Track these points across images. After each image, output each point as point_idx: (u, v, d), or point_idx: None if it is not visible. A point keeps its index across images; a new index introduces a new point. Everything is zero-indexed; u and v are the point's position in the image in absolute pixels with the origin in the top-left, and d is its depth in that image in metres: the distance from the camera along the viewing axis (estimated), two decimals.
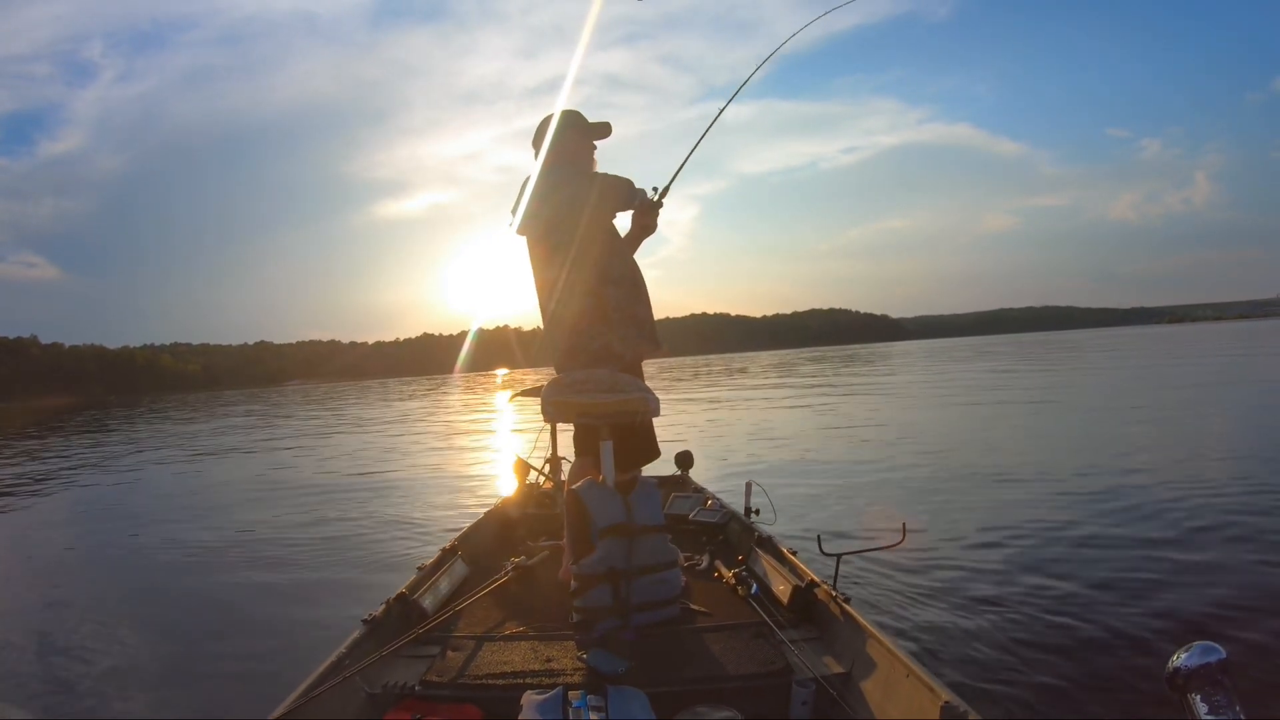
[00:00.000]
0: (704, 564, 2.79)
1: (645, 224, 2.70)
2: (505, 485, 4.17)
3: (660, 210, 2.70)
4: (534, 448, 4.24)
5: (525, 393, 3.76)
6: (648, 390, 2.40)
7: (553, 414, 2.46)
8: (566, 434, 2.98)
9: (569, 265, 2.52)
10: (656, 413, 2.46)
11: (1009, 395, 15.24)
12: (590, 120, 2.71)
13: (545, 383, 2.51)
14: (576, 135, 2.68)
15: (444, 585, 2.56)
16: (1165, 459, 6.72)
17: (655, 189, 2.69)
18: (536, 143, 2.69)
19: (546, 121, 2.68)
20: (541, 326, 2.69)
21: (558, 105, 2.71)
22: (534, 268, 2.67)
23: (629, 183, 2.65)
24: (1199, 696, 0.92)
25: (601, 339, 2.52)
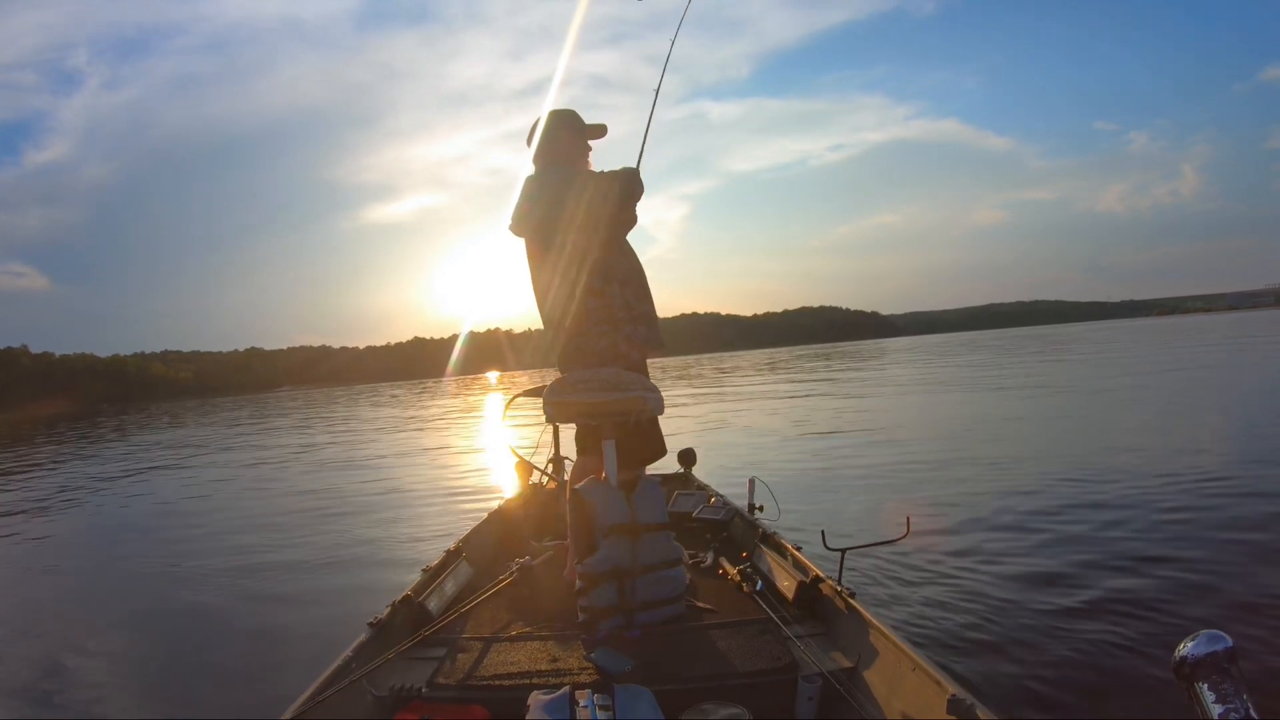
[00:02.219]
0: (708, 561, 2.79)
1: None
2: (508, 486, 4.17)
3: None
4: (536, 448, 4.24)
5: (527, 393, 3.76)
6: (651, 388, 2.40)
7: (553, 414, 2.46)
8: (569, 433, 2.98)
9: (563, 266, 2.52)
10: (660, 411, 2.45)
11: (1006, 389, 15.24)
12: (587, 122, 2.71)
13: (547, 383, 2.51)
14: (570, 136, 2.67)
15: (449, 587, 2.56)
16: (1168, 448, 6.72)
17: None
18: (530, 141, 2.69)
19: (541, 119, 2.67)
20: (537, 328, 2.68)
21: (546, 107, 2.70)
22: (530, 268, 2.67)
23: (629, 172, 2.60)
24: (1206, 685, 0.92)
25: (608, 339, 2.51)
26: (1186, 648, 0.94)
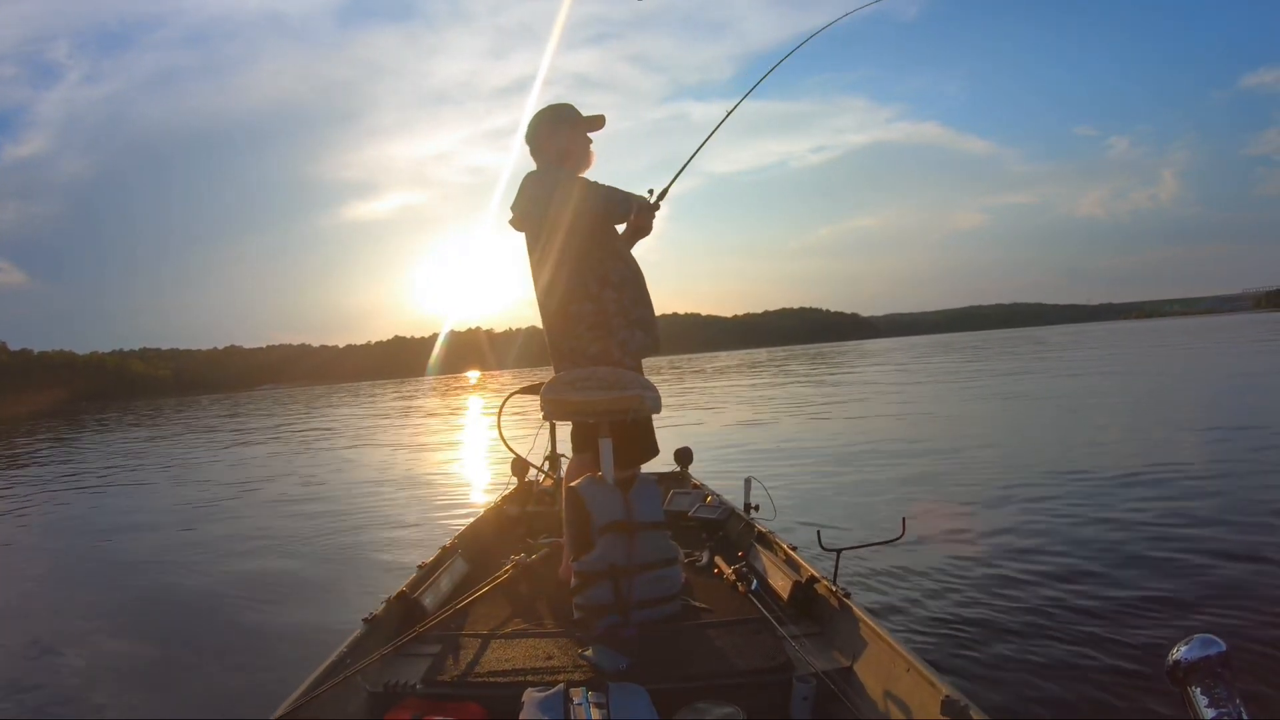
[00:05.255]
0: (704, 560, 2.79)
1: (640, 225, 2.67)
2: (504, 483, 4.17)
3: (656, 212, 2.70)
4: (533, 445, 4.24)
5: (524, 390, 3.75)
6: (648, 387, 2.39)
7: (550, 412, 2.45)
8: (566, 431, 2.97)
9: (552, 265, 2.52)
10: (656, 410, 2.45)
11: (991, 390, 15.28)
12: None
13: (542, 380, 2.50)
14: (568, 131, 2.66)
15: (444, 583, 2.56)
16: (1161, 451, 6.74)
17: (651, 191, 2.70)
18: (530, 138, 2.69)
19: (540, 116, 2.67)
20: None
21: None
22: (530, 264, 2.67)
23: (619, 193, 2.62)
24: (1199, 689, 0.92)
25: (601, 344, 2.51)
26: (1180, 652, 0.94)
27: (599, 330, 2.51)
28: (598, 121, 2.71)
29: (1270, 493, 4.96)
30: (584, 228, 2.52)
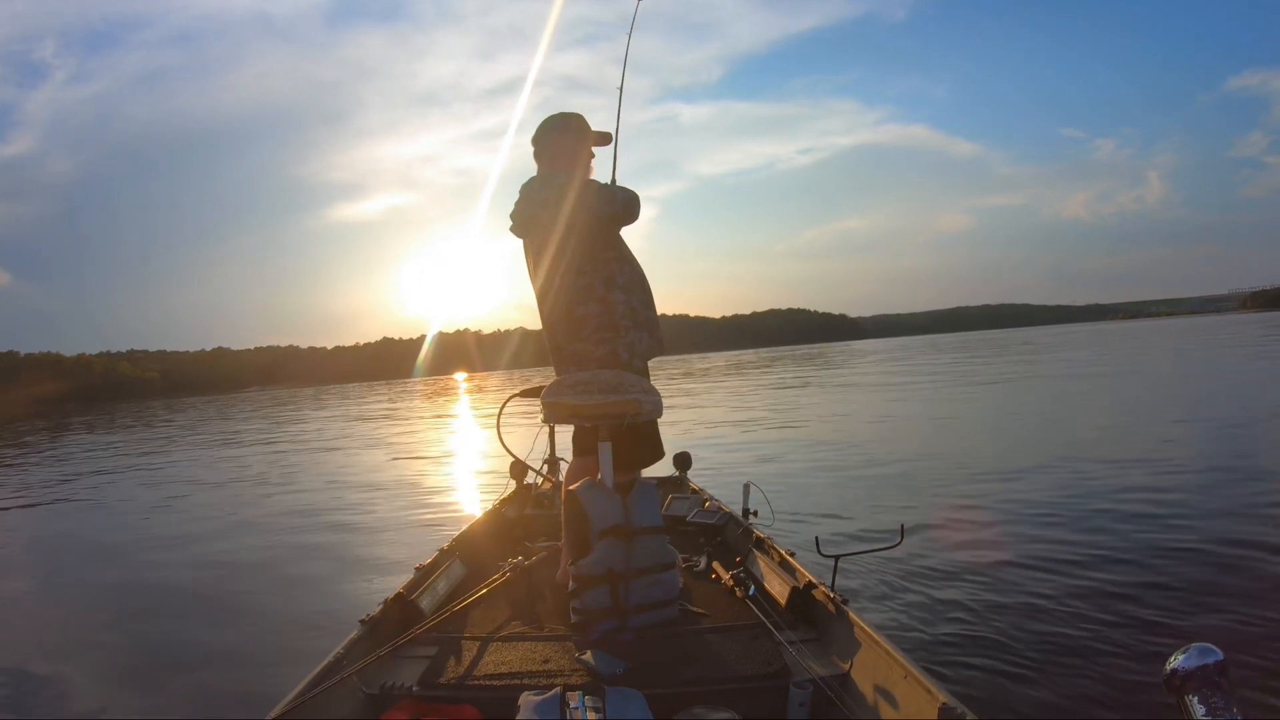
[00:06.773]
0: (702, 565, 2.79)
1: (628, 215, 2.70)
2: (503, 486, 4.16)
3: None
4: (532, 448, 4.24)
5: (524, 393, 3.76)
6: (649, 391, 2.39)
7: (549, 415, 2.46)
8: (565, 434, 2.98)
9: (560, 268, 2.53)
10: (657, 413, 2.45)
11: (992, 392, 15.27)
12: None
13: (539, 383, 2.51)
14: (575, 140, 2.68)
15: (442, 586, 2.56)
16: (1159, 457, 6.73)
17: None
18: (536, 142, 2.70)
19: (549, 121, 2.68)
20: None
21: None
22: (529, 270, 2.68)
23: (636, 198, 2.63)
24: (1196, 698, 0.92)
25: (608, 346, 2.51)
26: (1177, 660, 0.94)
27: (606, 332, 2.52)
28: (605, 138, 2.75)
29: (1268, 499, 4.95)
30: (592, 229, 2.52)
